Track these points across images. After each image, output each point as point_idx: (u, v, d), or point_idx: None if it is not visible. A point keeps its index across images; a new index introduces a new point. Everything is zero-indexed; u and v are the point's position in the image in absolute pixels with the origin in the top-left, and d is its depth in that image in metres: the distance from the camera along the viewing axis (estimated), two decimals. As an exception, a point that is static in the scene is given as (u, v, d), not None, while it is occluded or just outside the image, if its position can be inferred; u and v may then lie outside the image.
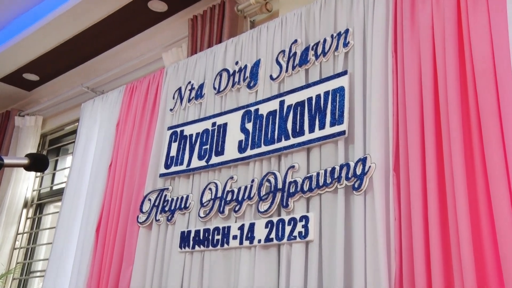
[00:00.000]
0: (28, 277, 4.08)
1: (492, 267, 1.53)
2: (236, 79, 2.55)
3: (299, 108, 2.21)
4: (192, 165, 2.53)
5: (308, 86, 2.22)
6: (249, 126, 2.37)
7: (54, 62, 3.95)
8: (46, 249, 4.10)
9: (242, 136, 2.38)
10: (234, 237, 2.19)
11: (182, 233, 2.41)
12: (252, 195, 2.21)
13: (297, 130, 2.17)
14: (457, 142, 1.66)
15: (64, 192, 3.31)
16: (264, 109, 2.35)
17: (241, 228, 2.19)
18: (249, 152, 2.31)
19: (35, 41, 3.69)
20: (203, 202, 2.40)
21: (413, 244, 1.68)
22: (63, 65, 4.00)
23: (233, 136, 2.42)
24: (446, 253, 1.64)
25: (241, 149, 2.35)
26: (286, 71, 2.35)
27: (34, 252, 4.16)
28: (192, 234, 2.37)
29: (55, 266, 3.05)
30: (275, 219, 2.09)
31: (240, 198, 2.25)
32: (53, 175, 4.40)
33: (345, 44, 2.15)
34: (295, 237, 1.99)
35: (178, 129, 2.71)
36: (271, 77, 2.41)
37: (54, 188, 4.29)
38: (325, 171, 2.00)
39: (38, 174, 4.36)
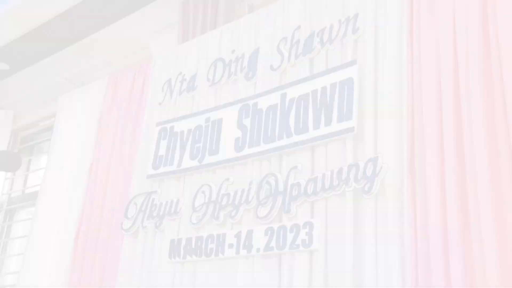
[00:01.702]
0: (-4, 292, 4.08)
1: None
2: (233, 69, 2.56)
3: (302, 102, 2.21)
4: (184, 165, 2.54)
5: (312, 77, 2.23)
6: (247, 122, 2.38)
7: (26, 49, 3.93)
8: (16, 261, 4.08)
9: (239, 133, 2.39)
10: (230, 246, 2.20)
11: (172, 241, 2.42)
12: (250, 199, 2.22)
13: (300, 127, 2.17)
14: (481, 140, 1.66)
15: (38, 196, 3.30)
16: (263, 103, 2.36)
17: (238, 235, 2.19)
18: (246, 151, 2.32)
19: (5, 25, 3.67)
20: (196, 206, 2.40)
21: (431, 254, 1.69)
22: (37, 52, 3.99)
23: (229, 133, 2.42)
24: (468, 266, 1.63)
25: (238, 147, 2.36)
26: (288, 60, 2.35)
27: (2, 265, 4.15)
28: (183, 242, 2.37)
29: (27, 280, 3.05)
30: (275, 226, 2.10)
31: (236, 202, 2.26)
32: (26, 176, 4.38)
33: (354, 31, 2.16)
34: (298, 246, 2.00)
35: (168, 125, 2.71)
36: (271, 67, 2.41)
37: (27, 191, 4.26)
38: (332, 172, 2.01)
39: (9, 175, 4.33)
